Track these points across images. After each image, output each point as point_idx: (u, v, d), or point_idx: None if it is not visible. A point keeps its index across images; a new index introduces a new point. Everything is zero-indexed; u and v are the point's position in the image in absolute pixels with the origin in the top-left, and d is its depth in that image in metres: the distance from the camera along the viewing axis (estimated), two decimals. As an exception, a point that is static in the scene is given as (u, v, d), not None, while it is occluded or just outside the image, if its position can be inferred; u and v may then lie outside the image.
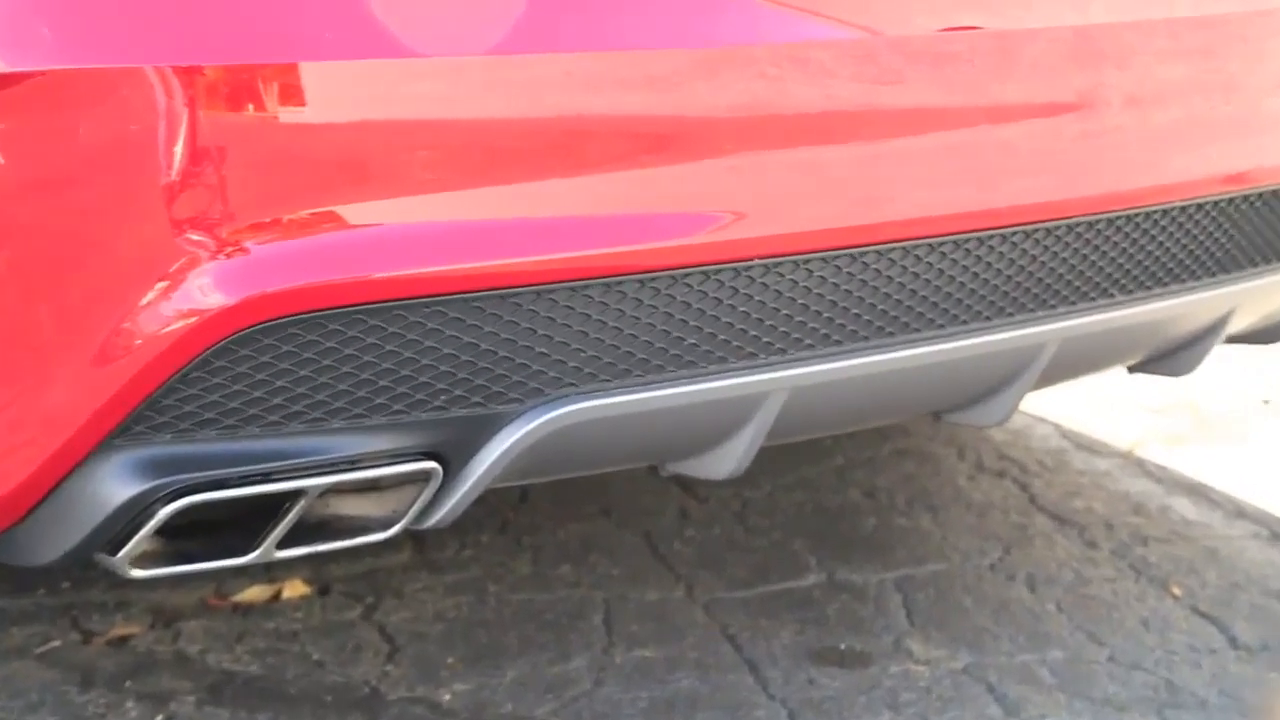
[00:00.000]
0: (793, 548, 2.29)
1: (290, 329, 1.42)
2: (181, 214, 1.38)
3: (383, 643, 2.02)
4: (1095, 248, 1.77)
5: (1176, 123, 1.82)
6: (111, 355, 1.40)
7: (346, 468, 1.49)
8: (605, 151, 1.51)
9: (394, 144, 1.44)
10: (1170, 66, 1.81)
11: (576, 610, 2.11)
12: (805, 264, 1.59)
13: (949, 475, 2.55)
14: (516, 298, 1.48)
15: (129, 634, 2.01)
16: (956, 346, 1.70)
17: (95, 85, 1.37)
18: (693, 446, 1.68)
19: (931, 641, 2.05)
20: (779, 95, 1.57)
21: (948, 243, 1.65)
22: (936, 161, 1.65)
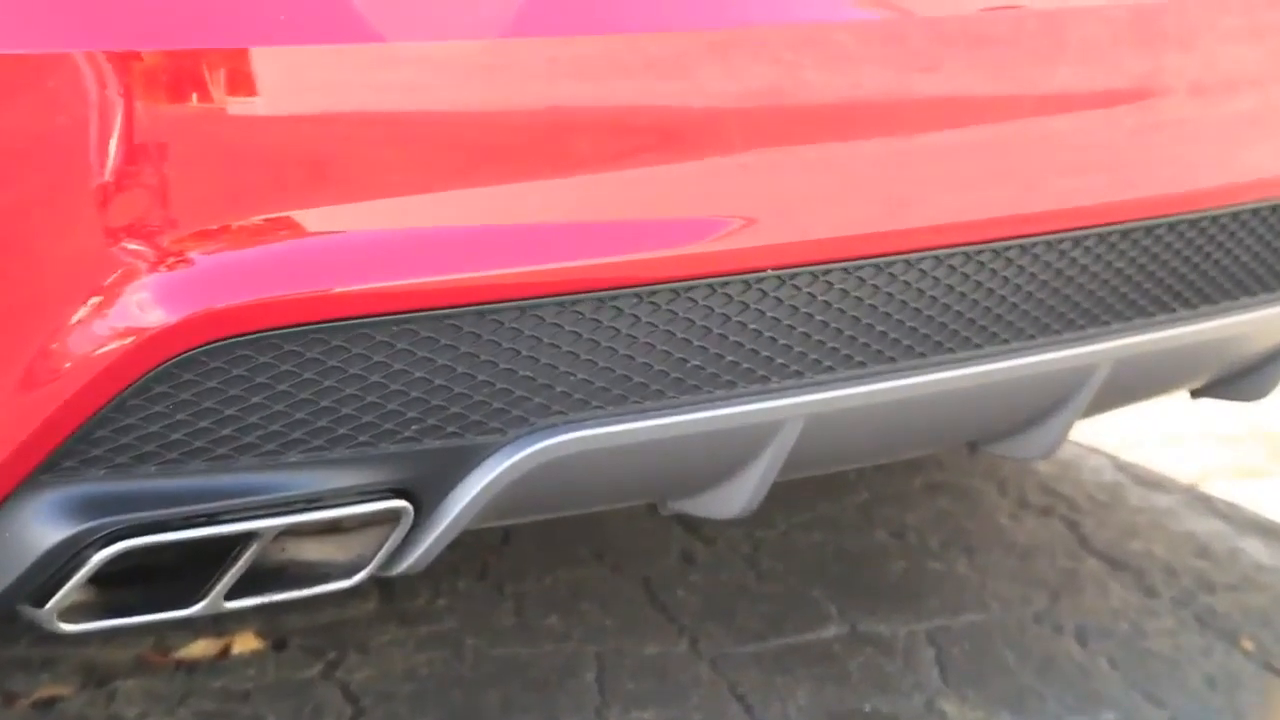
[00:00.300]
0: (811, 595, 2.29)
1: (240, 350, 1.42)
2: (117, 220, 1.38)
3: (345, 704, 2.01)
4: (1155, 256, 1.77)
5: (1247, 113, 1.82)
6: (37, 380, 1.40)
7: (305, 507, 1.48)
8: (597, 149, 1.51)
9: (358, 140, 1.44)
10: (1246, 48, 1.81)
11: (566, 667, 2.10)
12: (824, 276, 1.59)
13: (988, 513, 2.55)
14: (498, 315, 1.48)
15: (57, 695, 2.01)
16: (996, 368, 1.69)
17: (18, 72, 1.37)
18: (698, 482, 1.68)
19: (968, 703, 2.05)
20: (793, 84, 1.57)
21: (986, 251, 1.65)
22: (973, 159, 1.65)
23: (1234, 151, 1.81)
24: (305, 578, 1.55)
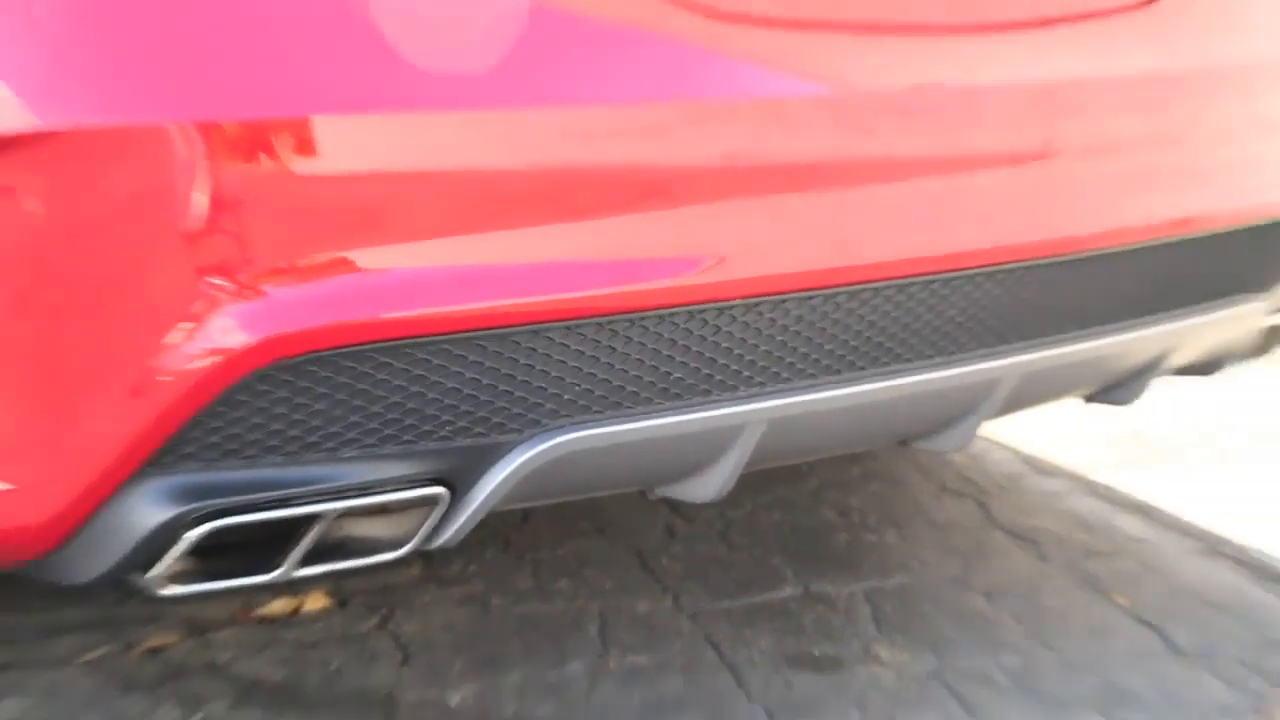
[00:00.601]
0: (771, 562, 2.26)
1: (306, 366, 1.39)
2: (203, 260, 1.35)
3: (396, 651, 1.98)
4: (1049, 288, 1.75)
5: (1125, 172, 1.80)
6: (144, 391, 1.37)
7: (359, 493, 1.46)
8: (595, 199, 1.49)
9: (400, 193, 1.41)
10: (1119, 120, 1.78)
11: (573, 620, 2.07)
12: (782, 304, 1.56)
13: (914, 495, 2.52)
14: (515, 336, 1.45)
15: (164, 644, 1.98)
16: (922, 379, 1.67)
17: (123, 140, 1.34)
18: (679, 472, 1.65)
19: (897, 647, 2.02)
20: (757, 146, 1.55)
21: (913, 283, 1.63)
22: (902, 208, 1.63)
23: (1109, 204, 1.78)
24: (361, 550, 1.52)
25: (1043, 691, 1.93)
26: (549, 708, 1.86)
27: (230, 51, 1.36)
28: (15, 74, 1.33)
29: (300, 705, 1.85)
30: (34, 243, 1.35)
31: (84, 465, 1.40)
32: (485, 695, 1.88)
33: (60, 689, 1.86)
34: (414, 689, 1.89)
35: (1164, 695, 1.93)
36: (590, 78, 1.49)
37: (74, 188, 1.34)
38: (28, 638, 1.98)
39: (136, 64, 1.34)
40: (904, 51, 1.64)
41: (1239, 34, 1.91)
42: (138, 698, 1.85)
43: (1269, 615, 2.14)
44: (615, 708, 1.86)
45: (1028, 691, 1.93)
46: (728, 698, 1.89)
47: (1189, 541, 2.38)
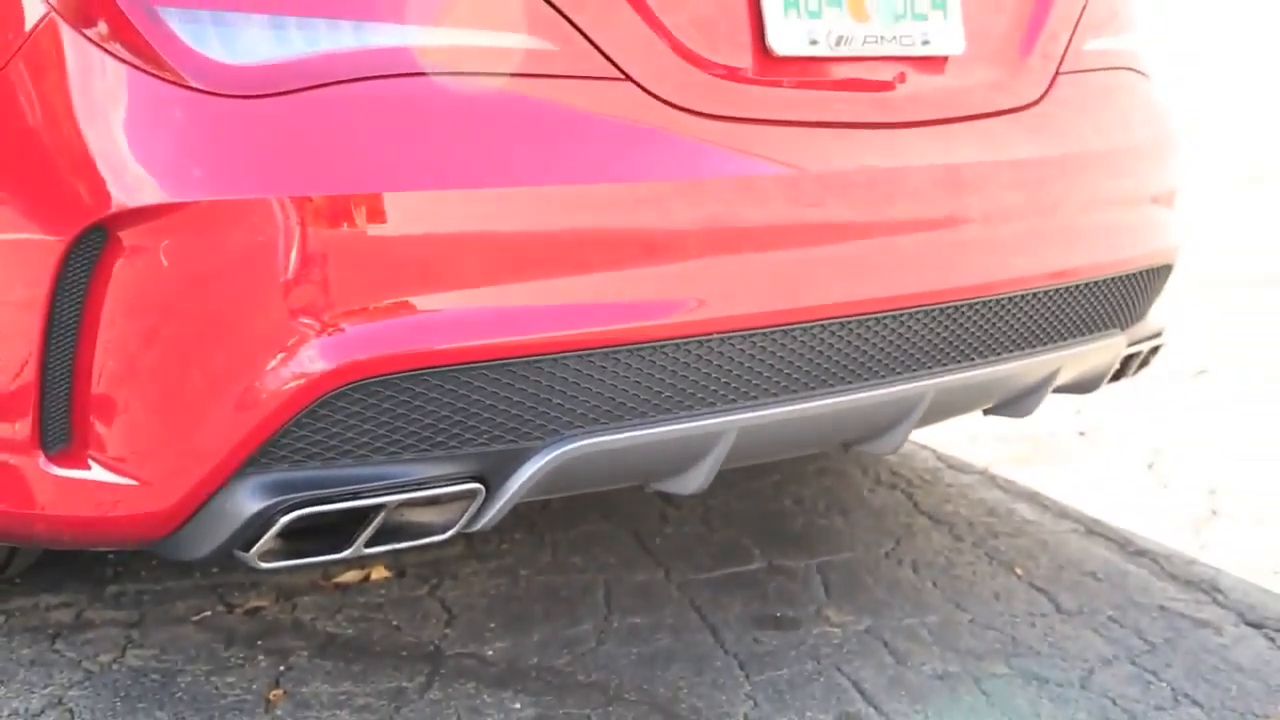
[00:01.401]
0: (742, 542, 2.26)
1: (374, 387, 1.41)
2: (295, 303, 1.37)
3: (443, 612, 1.98)
4: (960, 324, 1.76)
5: (1015, 235, 1.81)
6: (245, 406, 1.38)
7: (415, 488, 1.47)
8: (602, 256, 1.50)
9: (449, 252, 1.43)
10: (1011, 193, 1.80)
11: (584, 589, 2.07)
12: (749, 337, 1.57)
13: (855, 487, 2.52)
14: (538, 362, 1.47)
15: (260, 606, 1.98)
16: (861, 396, 1.68)
17: (233, 211, 1.36)
18: (669, 470, 1.66)
19: (843, 610, 2.02)
20: (729, 215, 1.56)
21: (853, 321, 1.64)
22: (846, 261, 1.64)
23: (1003, 259, 1.79)
24: (415, 533, 1.53)
25: (959, 645, 1.94)
26: (565, 659, 1.86)
27: (317, 140, 1.38)
28: (149, 160, 1.35)
29: (366, 656, 1.85)
30: (162, 290, 1.37)
31: (199, 465, 1.41)
32: (514, 649, 1.88)
33: (177, 642, 1.86)
34: (456, 644, 1.89)
35: (1054, 647, 1.94)
36: (598, 161, 1.51)
37: (193, 247, 1.36)
38: (150, 602, 1.98)
39: (245, 151, 1.36)
40: (843, 142, 1.66)
41: (1100, 129, 1.93)
42: (238, 649, 1.85)
43: (1135, 582, 2.15)
44: (617, 659, 1.86)
45: (947, 645, 1.93)
46: (708, 651, 1.89)
47: (1070, 523, 2.39)
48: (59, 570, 2.04)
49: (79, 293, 1.38)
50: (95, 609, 1.95)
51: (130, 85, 1.36)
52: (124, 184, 1.35)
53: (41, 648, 1.83)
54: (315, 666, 1.82)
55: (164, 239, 1.36)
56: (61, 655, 1.82)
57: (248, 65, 1.37)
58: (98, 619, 1.92)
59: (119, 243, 1.36)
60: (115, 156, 1.36)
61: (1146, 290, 2.01)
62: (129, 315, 1.38)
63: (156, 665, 1.80)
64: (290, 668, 1.82)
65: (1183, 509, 2.46)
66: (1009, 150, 1.80)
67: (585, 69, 1.50)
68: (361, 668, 1.82)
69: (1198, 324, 3.65)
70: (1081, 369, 1.99)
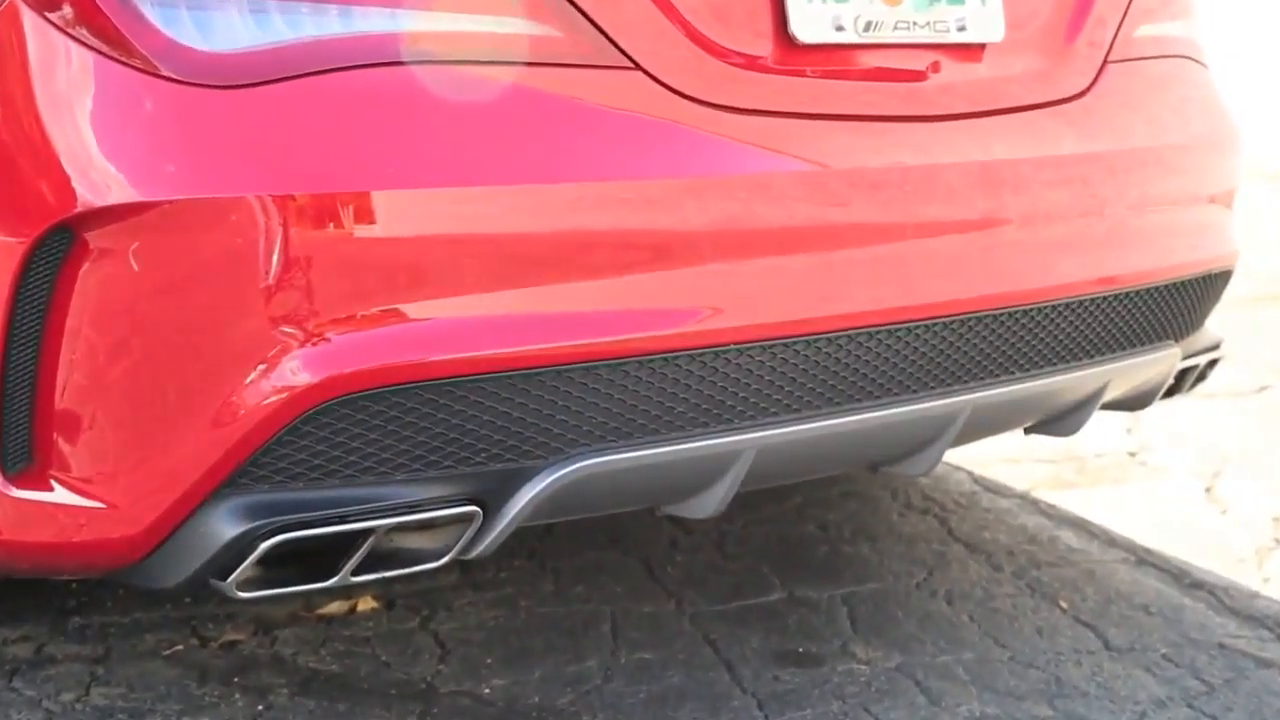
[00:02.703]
0: (761, 570, 2.26)
1: (362, 401, 1.41)
2: (277, 311, 1.38)
3: (436, 647, 1.98)
4: (999, 335, 1.76)
5: (1060, 237, 1.81)
6: (222, 423, 1.39)
7: (406, 511, 1.47)
8: (609, 260, 1.51)
9: (442, 255, 1.43)
10: (1054, 193, 1.80)
11: (589, 621, 2.07)
12: (770, 348, 1.58)
13: (884, 512, 2.52)
14: (540, 375, 1.47)
15: (236, 639, 1.98)
16: (891, 413, 1.68)
17: (209, 210, 1.37)
18: (682, 492, 1.66)
19: (871, 645, 2.02)
20: (748, 215, 1.57)
21: (883, 331, 1.64)
22: (873, 266, 1.64)
23: (1045, 264, 1.79)
24: (407, 560, 1.53)
25: (997, 684, 1.93)
26: (568, 697, 1.86)
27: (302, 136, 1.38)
28: (118, 156, 1.36)
29: (352, 694, 1.85)
30: (132, 296, 1.38)
31: (170, 487, 1.41)
32: (513, 687, 1.88)
33: (145, 679, 1.87)
34: (451, 681, 1.89)
35: (1103, 688, 1.93)
36: (605, 157, 1.51)
37: (170, 248, 1.37)
38: (118, 634, 1.98)
39: (221, 146, 1.37)
40: (871, 137, 1.66)
41: (1153, 123, 1.93)
42: (212, 686, 1.85)
43: (1191, 617, 2.14)
44: (625, 698, 1.86)
45: (984, 685, 1.93)
46: (723, 689, 1.89)
47: (1120, 552, 2.38)
48: (17, 601, 2.05)
49: (41, 299, 1.39)
50: (57, 643, 1.96)
51: (97, 74, 1.37)
52: (90, 181, 1.36)
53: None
54: (297, 705, 1.82)
55: (134, 241, 1.36)
56: (20, 694, 1.82)
57: (225, 52, 1.37)
58: (60, 654, 1.93)
59: (85, 245, 1.37)
60: (81, 151, 1.36)
61: (1203, 298, 2.01)
62: (96, 324, 1.39)
63: (124, 704, 1.81)
64: (269, 707, 1.82)
65: (1244, 537, 2.45)
66: (1052, 146, 1.80)
67: (592, 57, 1.51)
68: (347, 707, 1.82)
69: (1258, 335, 3.65)
70: (1132, 383, 1.99)
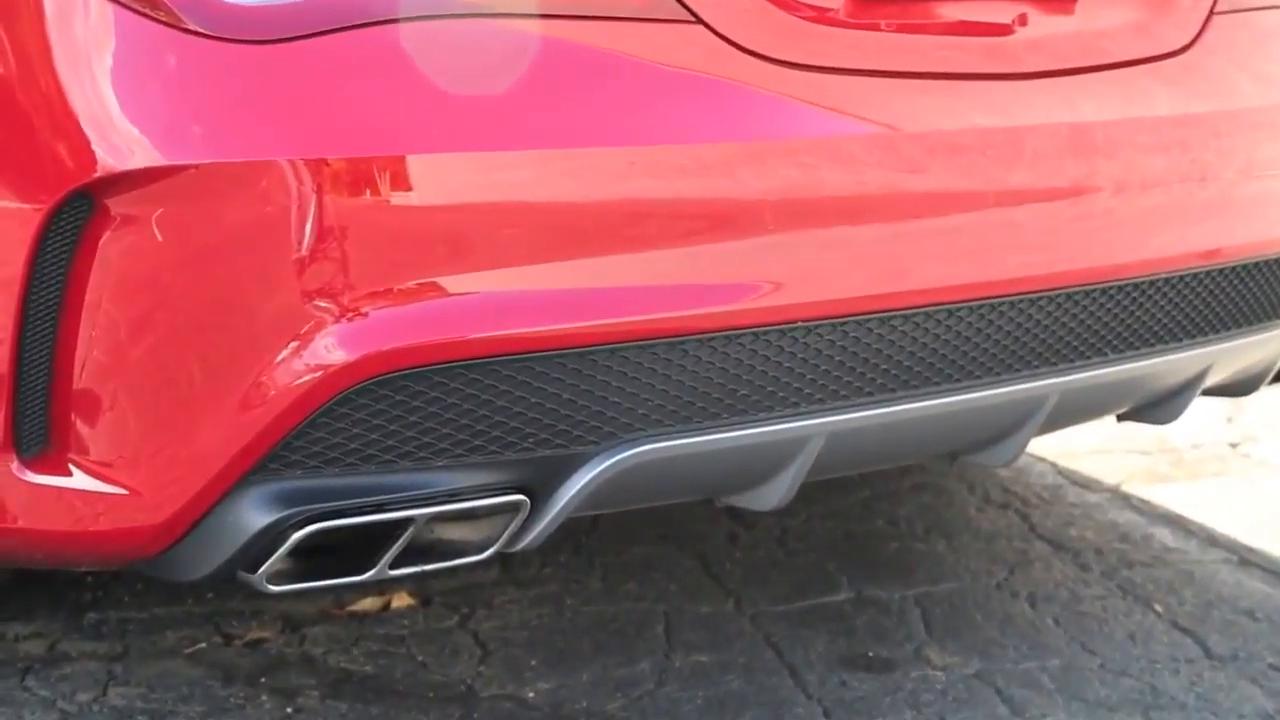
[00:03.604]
0: (826, 568, 2.26)
1: (401, 381, 1.42)
2: (310, 284, 1.38)
3: (476, 647, 2.00)
4: (1090, 313, 1.74)
5: (1158, 206, 1.79)
6: (251, 404, 1.40)
7: (448, 499, 1.48)
8: (667, 229, 1.51)
9: (486, 224, 1.44)
10: (1152, 158, 1.78)
11: (641, 621, 2.08)
12: (841, 326, 1.57)
13: (960, 507, 2.51)
14: (593, 355, 1.47)
15: (262, 637, 2.01)
16: (971, 398, 1.67)
17: (238, 175, 1.38)
18: (744, 483, 1.66)
19: (947, 650, 2.02)
20: (815, 181, 1.56)
21: (964, 308, 1.63)
22: (953, 239, 1.63)
23: (1143, 235, 1.78)
24: (448, 552, 1.54)
25: (1086, 694, 1.92)
26: (618, 703, 1.87)
27: (337, 96, 1.39)
28: (141, 116, 1.37)
29: (387, 697, 1.87)
30: (156, 267, 1.39)
31: (197, 472, 1.43)
32: (558, 691, 1.89)
33: (166, 679, 1.89)
34: (492, 684, 1.91)
35: (1203, 699, 1.92)
36: (662, 119, 1.51)
37: (195, 217, 1.38)
38: (136, 630, 2.01)
39: (251, 106, 1.38)
40: (950, 96, 1.65)
41: (1264, 81, 1.90)
42: (238, 688, 1.88)
43: (1300, 623, 2.13)
44: (680, 704, 1.87)
45: (1072, 694, 1.92)
46: (786, 696, 1.89)
47: (1221, 552, 2.37)
48: (30, 595, 2.08)
49: (59, 271, 1.40)
50: (72, 640, 1.98)
51: (119, 27, 1.38)
52: (111, 144, 1.37)
53: (9, 684, 1.87)
54: (328, 708, 1.84)
55: (158, 208, 1.38)
56: (33, 693, 1.85)
57: (256, 4, 1.38)
58: (74, 651, 1.95)
59: (106, 212, 1.38)
60: (101, 111, 1.37)
61: (1317, 274, 1.98)
62: (117, 298, 1.40)
63: (143, 705, 1.83)
64: (298, 710, 1.84)
65: (1356, 536, 2.43)
66: (1149, 106, 1.78)
67: (650, 10, 1.50)
68: (381, 710, 1.84)
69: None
70: (1236, 367, 1.97)
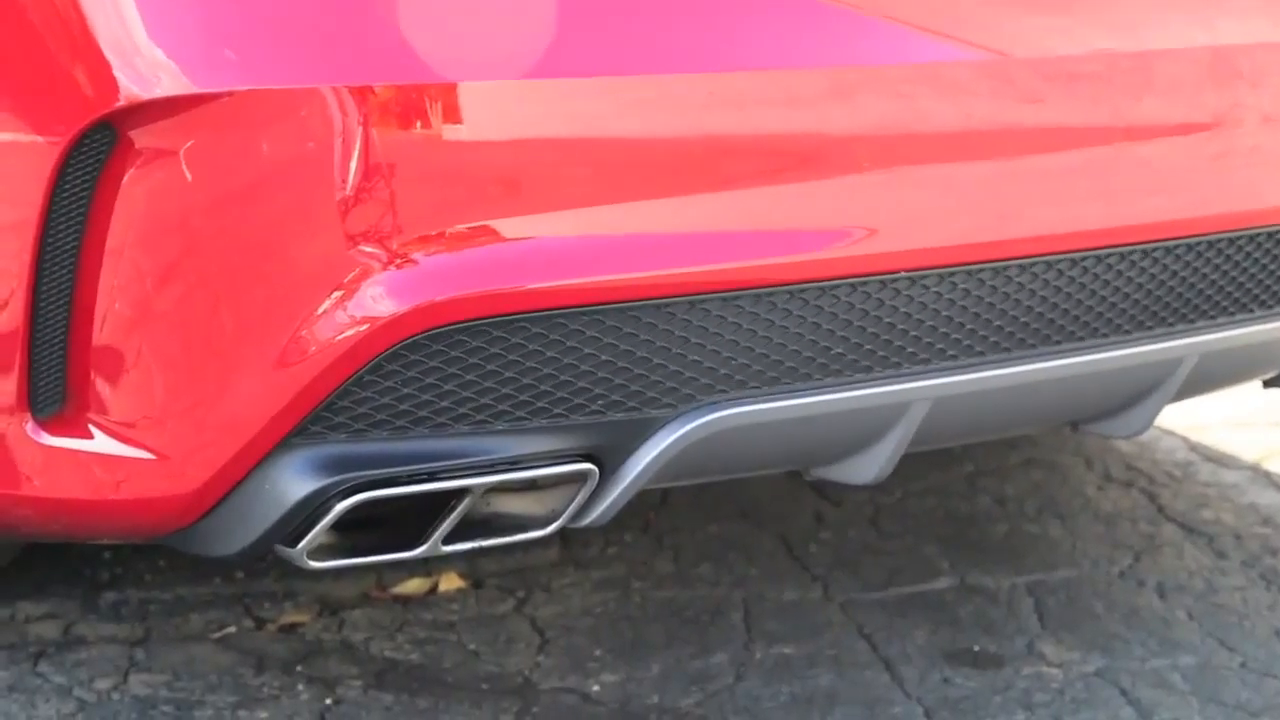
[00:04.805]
0: (925, 552, 2.26)
1: (456, 335, 1.43)
2: (355, 227, 1.40)
3: (534, 635, 2.02)
4: (1234, 264, 1.73)
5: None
6: (290, 360, 1.42)
7: (508, 468, 1.49)
8: (754, 167, 1.51)
9: (551, 160, 1.44)
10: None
11: (717, 608, 2.09)
12: (950, 277, 1.57)
13: (1077, 485, 2.50)
14: (671, 307, 1.48)
15: (298, 622, 2.03)
16: (1100, 358, 1.66)
17: (276, 105, 1.39)
18: (838, 452, 1.66)
19: (1063, 645, 2.01)
20: (920, 114, 1.56)
21: (1089, 257, 1.62)
22: (1076, 178, 1.63)
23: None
24: (507, 527, 1.56)
25: (1224, 696, 1.91)
26: (693, 699, 1.88)
27: (385, 16, 1.40)
28: (169, 39, 1.39)
29: (436, 689, 1.89)
30: (185, 208, 1.41)
31: (230, 435, 1.45)
32: (626, 684, 1.91)
33: (193, 665, 1.92)
34: (552, 675, 1.92)
35: (1356, 703, 1.91)
36: (748, 43, 1.51)
37: (228, 152, 1.40)
38: (159, 612, 2.04)
39: (290, 28, 1.39)
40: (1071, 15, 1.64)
41: None
42: (271, 677, 1.90)
43: None
44: (762, 701, 1.88)
45: (1208, 696, 1.91)
46: (881, 693, 1.90)
47: (1381, 539, 2.34)
48: (41, 571, 2.12)
49: (79, 211, 1.42)
50: (88, 622, 2.02)
51: (143, -60, 1.39)
52: (136, 70, 1.39)
53: (21, 670, 1.90)
54: (371, 700, 1.87)
55: (187, 141, 1.39)
56: (47, 680, 1.89)
57: (294, -86, 1.39)
58: (92, 635, 1.99)
59: (130, 146, 1.40)
60: (125, 34, 1.39)
61: None
62: (142, 241, 1.42)
63: (168, 694, 1.86)
64: (339, 701, 1.86)
65: None
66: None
67: (735, -83, 1.50)
68: (430, 703, 1.86)
69: None
70: None
